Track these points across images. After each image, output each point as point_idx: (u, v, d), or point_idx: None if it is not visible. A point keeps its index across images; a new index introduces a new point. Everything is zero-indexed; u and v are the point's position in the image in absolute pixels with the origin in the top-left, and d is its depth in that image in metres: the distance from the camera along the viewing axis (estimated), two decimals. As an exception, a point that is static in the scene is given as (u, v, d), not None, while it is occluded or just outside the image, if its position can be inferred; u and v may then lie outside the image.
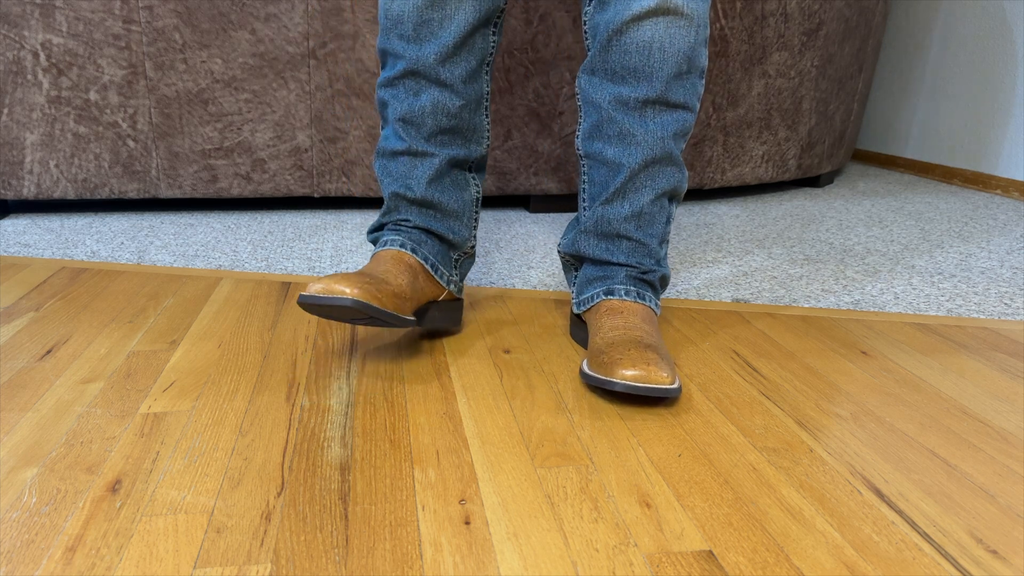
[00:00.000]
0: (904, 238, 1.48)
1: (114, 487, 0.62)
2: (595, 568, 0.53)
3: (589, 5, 0.85)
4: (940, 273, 1.25)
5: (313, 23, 1.43)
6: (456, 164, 0.90)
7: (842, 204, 1.79)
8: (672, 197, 0.88)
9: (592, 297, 0.89)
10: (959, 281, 1.21)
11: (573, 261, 0.95)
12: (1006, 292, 1.16)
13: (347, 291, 0.74)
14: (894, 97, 2.33)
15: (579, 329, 0.93)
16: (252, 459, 0.67)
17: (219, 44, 1.43)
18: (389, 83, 0.87)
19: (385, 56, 0.87)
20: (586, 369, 0.80)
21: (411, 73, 0.85)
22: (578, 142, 0.90)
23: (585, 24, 0.86)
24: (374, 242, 0.94)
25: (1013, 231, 1.55)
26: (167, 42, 1.41)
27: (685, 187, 0.88)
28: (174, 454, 0.67)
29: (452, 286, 0.93)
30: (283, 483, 0.63)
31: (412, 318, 0.82)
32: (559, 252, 0.96)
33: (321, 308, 0.76)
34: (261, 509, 0.60)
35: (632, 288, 0.87)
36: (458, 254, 0.94)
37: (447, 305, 0.94)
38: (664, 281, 0.91)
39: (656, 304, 0.89)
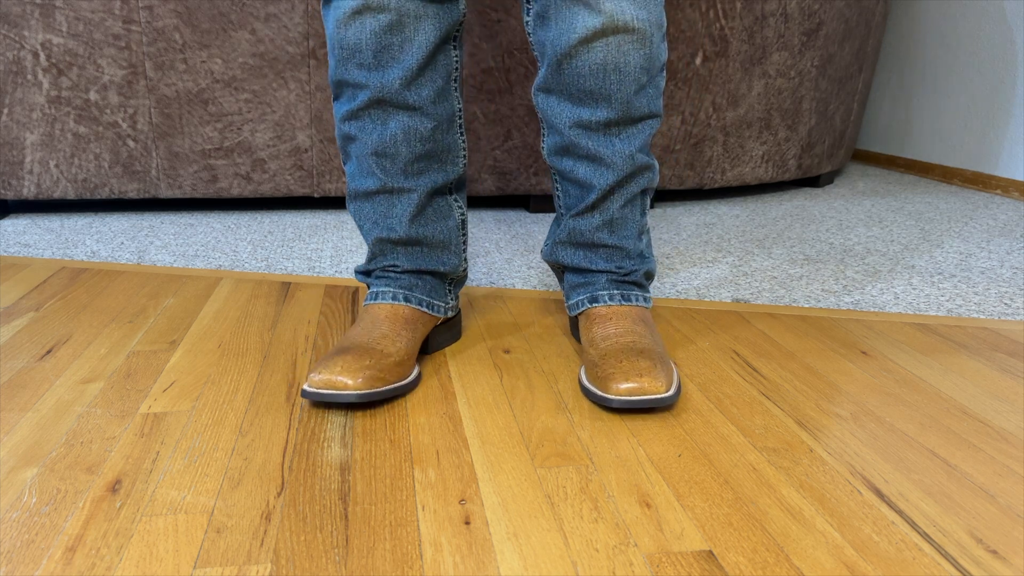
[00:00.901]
0: (904, 238, 1.48)
1: (114, 487, 0.62)
2: (595, 568, 0.53)
3: (528, 16, 0.81)
4: (940, 273, 1.25)
5: (313, 23, 1.43)
6: (436, 192, 0.86)
7: (842, 204, 1.79)
8: (644, 191, 0.86)
9: (578, 304, 0.88)
10: (959, 281, 1.21)
11: (557, 268, 0.94)
12: (1006, 292, 1.16)
13: (349, 383, 0.74)
14: (894, 97, 2.33)
15: (576, 328, 0.94)
16: (252, 459, 0.67)
17: (219, 44, 1.43)
18: (353, 116, 0.81)
19: (342, 88, 0.81)
20: (584, 382, 0.79)
21: (376, 102, 0.79)
22: (544, 154, 0.88)
23: (529, 36, 0.83)
24: (366, 284, 0.91)
25: (1013, 231, 1.55)
26: (167, 42, 1.41)
27: (657, 178, 0.86)
28: (174, 454, 0.67)
29: (449, 311, 0.91)
30: (283, 483, 0.63)
31: (416, 372, 0.82)
32: (543, 259, 0.94)
33: (327, 402, 0.76)
34: (261, 509, 0.60)
35: (616, 292, 0.86)
36: (450, 280, 0.91)
37: (446, 325, 0.92)
38: (649, 275, 0.90)
39: (645, 299, 0.87)
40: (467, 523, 0.58)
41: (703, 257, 1.33)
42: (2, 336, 0.93)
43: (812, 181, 2.02)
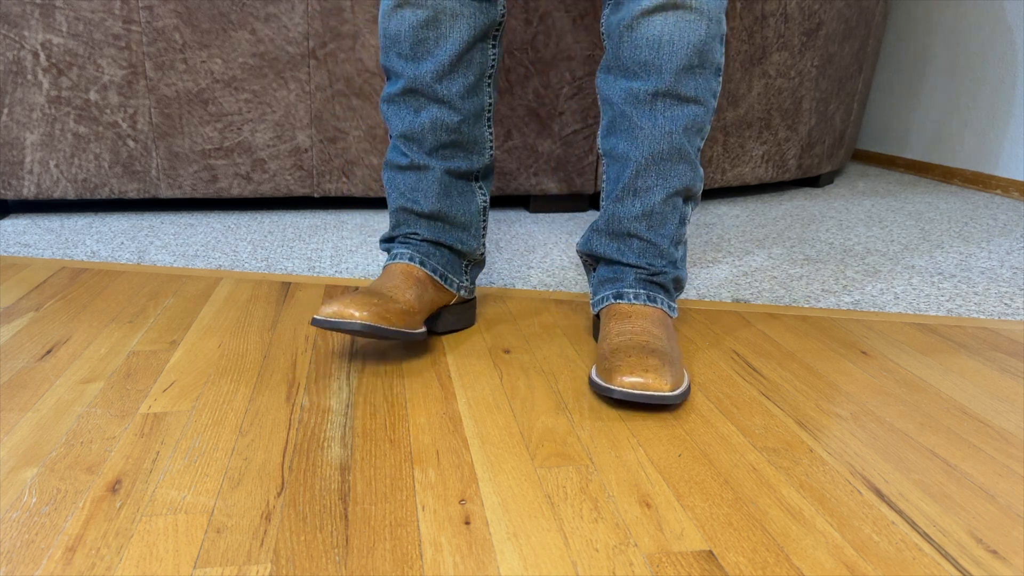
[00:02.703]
0: (904, 238, 1.48)
1: (114, 487, 0.62)
2: (595, 568, 0.53)
3: (607, 8, 0.85)
4: (940, 273, 1.25)
5: (313, 23, 1.43)
6: (460, 175, 0.91)
7: (842, 204, 1.79)
8: (686, 198, 0.87)
9: (603, 299, 0.89)
10: (959, 281, 1.21)
11: (590, 261, 0.94)
12: (1006, 292, 1.16)
13: (356, 314, 0.78)
14: (894, 97, 2.33)
15: (597, 329, 0.94)
16: (252, 459, 0.67)
17: (219, 44, 1.43)
18: (391, 99, 0.88)
19: (388, 72, 0.88)
20: (593, 375, 0.80)
21: (410, 91, 0.86)
22: (599, 141, 0.91)
23: (602, 27, 0.87)
24: (387, 251, 0.96)
25: (1013, 231, 1.55)
26: (167, 42, 1.41)
27: (700, 187, 0.87)
28: (174, 454, 0.67)
29: (463, 291, 0.94)
30: (283, 483, 0.63)
31: (422, 330, 0.86)
32: (577, 252, 0.96)
33: (333, 329, 0.80)
34: (261, 509, 0.60)
35: (641, 291, 0.86)
36: (467, 261, 0.95)
37: (459, 308, 0.96)
38: (679, 283, 0.90)
39: (669, 307, 0.87)
40: (467, 523, 0.58)
41: (703, 257, 1.33)
42: (2, 336, 0.93)
43: (812, 181, 2.02)
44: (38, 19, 1.36)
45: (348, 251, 1.33)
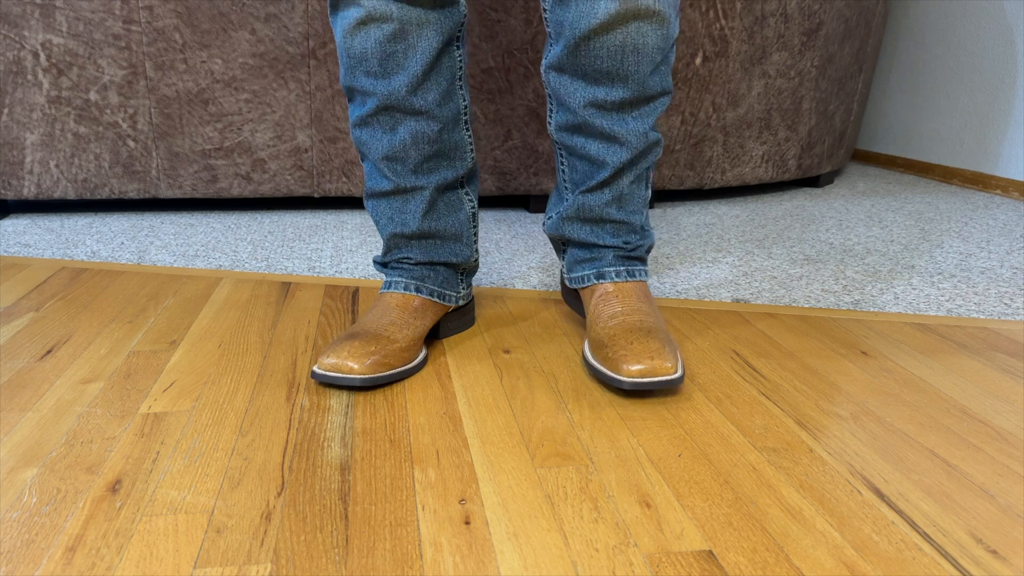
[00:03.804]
0: (904, 238, 1.48)
1: (114, 487, 0.62)
2: (595, 568, 0.53)
3: None
4: (940, 273, 1.25)
5: (313, 23, 1.43)
6: (446, 187, 0.89)
7: (842, 204, 1.79)
8: (649, 167, 0.88)
9: (583, 278, 0.90)
10: (959, 281, 1.21)
11: (560, 242, 0.95)
12: (1006, 292, 1.16)
13: (355, 367, 0.78)
14: (894, 97, 2.33)
15: (572, 297, 0.96)
16: (252, 459, 0.67)
17: (219, 44, 1.43)
18: (363, 122, 0.84)
19: (353, 93, 0.84)
20: (591, 359, 0.81)
21: (384, 109, 0.82)
22: (551, 130, 0.88)
23: (545, 13, 0.82)
24: (382, 272, 0.95)
25: (1013, 231, 1.55)
26: (167, 42, 1.41)
27: (661, 150, 0.87)
28: (174, 454, 0.67)
29: (460, 300, 0.94)
30: (283, 483, 0.63)
31: (422, 355, 0.86)
32: (546, 233, 0.96)
33: (334, 385, 0.81)
34: (261, 509, 0.60)
35: (622, 268, 0.88)
36: (463, 270, 0.95)
37: (459, 312, 0.96)
38: (650, 248, 0.92)
39: (645, 272, 0.90)
40: (467, 523, 0.58)
41: (703, 257, 1.33)
42: (2, 336, 0.93)
43: (812, 181, 2.02)
44: (38, 19, 1.36)
45: (348, 251, 1.33)
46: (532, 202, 1.66)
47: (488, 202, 1.76)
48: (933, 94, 2.18)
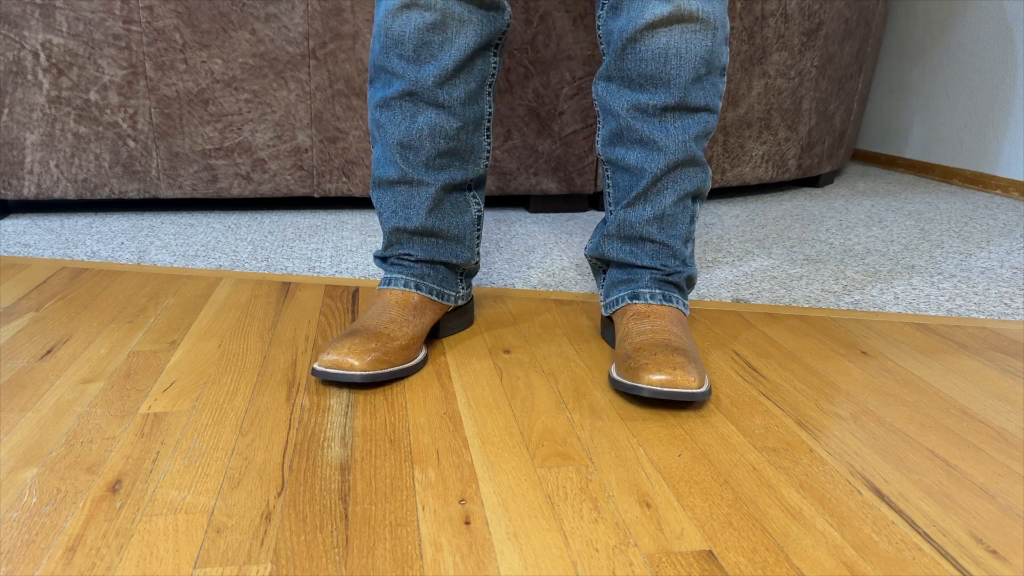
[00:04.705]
0: (904, 238, 1.48)
1: (114, 487, 0.62)
2: (595, 568, 0.53)
3: (602, 10, 0.84)
4: (940, 273, 1.25)
5: (313, 23, 1.43)
6: (454, 188, 0.89)
7: (842, 204, 1.79)
8: (695, 197, 0.88)
9: (618, 300, 0.89)
10: (959, 281, 1.21)
11: (600, 264, 0.95)
12: (1006, 292, 1.16)
13: (356, 364, 0.78)
14: (894, 97, 2.33)
15: (608, 329, 0.94)
16: (252, 459, 0.67)
17: (219, 44, 1.43)
18: (385, 104, 0.84)
19: (380, 73, 0.84)
20: (614, 375, 0.79)
21: (408, 94, 0.83)
22: (599, 147, 0.90)
23: (599, 29, 0.86)
24: (381, 267, 0.95)
25: (1013, 231, 1.55)
26: (167, 42, 1.41)
27: (709, 186, 0.88)
28: (174, 454, 0.67)
29: (460, 300, 0.94)
30: (283, 483, 0.63)
31: (422, 355, 0.86)
32: (586, 255, 0.96)
33: (334, 381, 0.81)
34: (261, 509, 0.60)
35: (657, 291, 0.87)
36: (463, 271, 0.94)
37: (458, 312, 0.96)
38: (691, 281, 0.91)
39: (684, 305, 0.88)
40: (467, 523, 0.58)
41: (703, 257, 1.33)
42: (2, 336, 0.93)
43: (812, 181, 2.02)
44: (38, 19, 1.36)
45: (348, 251, 1.33)
46: (532, 202, 1.66)
47: (488, 202, 1.76)
48: (933, 94, 2.18)
